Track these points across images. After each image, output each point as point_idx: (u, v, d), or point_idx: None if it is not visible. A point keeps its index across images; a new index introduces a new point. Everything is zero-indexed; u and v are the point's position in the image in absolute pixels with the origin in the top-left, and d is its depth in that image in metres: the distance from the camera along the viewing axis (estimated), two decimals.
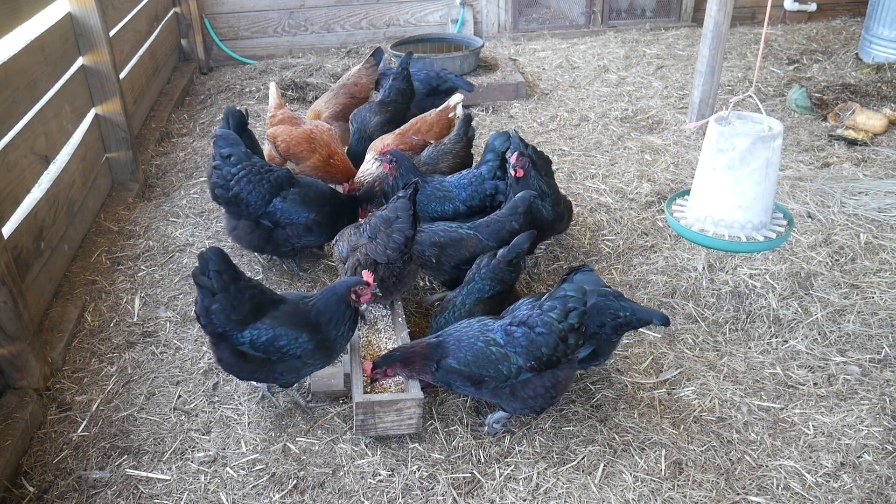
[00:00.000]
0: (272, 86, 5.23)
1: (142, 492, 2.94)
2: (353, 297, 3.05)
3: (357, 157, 5.05)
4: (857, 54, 7.50)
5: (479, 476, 2.98)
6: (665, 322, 3.19)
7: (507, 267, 3.46)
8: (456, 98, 5.09)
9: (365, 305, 3.17)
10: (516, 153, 3.92)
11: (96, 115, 5.00)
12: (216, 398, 3.41)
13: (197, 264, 2.93)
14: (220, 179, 3.95)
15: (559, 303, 2.85)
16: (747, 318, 3.86)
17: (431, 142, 4.85)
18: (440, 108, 5.12)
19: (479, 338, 2.92)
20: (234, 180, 3.91)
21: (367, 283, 3.03)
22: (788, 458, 3.04)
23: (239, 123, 4.35)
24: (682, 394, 3.39)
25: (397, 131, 4.96)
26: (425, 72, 5.93)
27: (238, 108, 4.46)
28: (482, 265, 3.49)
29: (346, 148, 5.20)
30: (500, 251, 3.50)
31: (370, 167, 4.73)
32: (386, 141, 4.87)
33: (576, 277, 2.90)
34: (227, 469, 3.03)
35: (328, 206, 4.13)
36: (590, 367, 3.46)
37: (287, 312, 3.04)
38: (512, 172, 3.92)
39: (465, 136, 4.59)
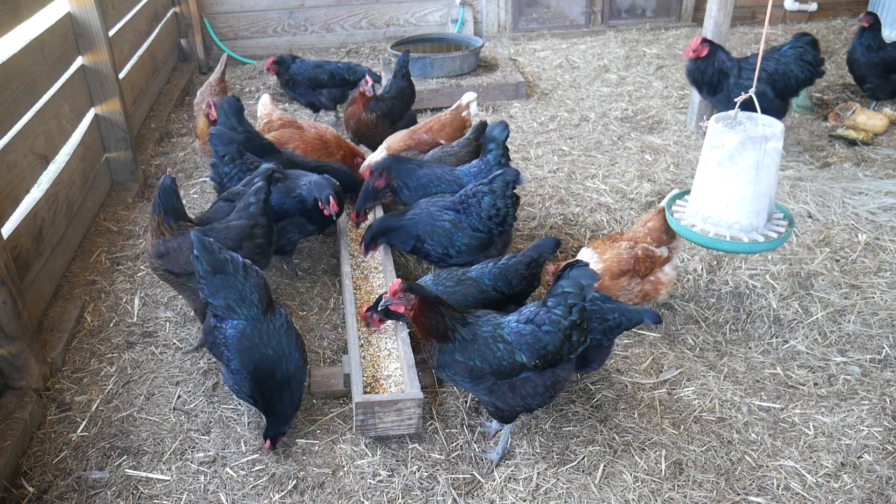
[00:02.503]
0: (265, 97, 5.26)
1: (141, 492, 2.93)
2: None
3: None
4: None
5: (479, 476, 2.97)
6: (657, 320, 3.15)
7: (524, 270, 3.44)
8: (468, 96, 5.07)
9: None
10: None
11: (96, 115, 4.99)
12: (216, 398, 3.41)
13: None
14: (217, 177, 4.12)
15: (560, 299, 2.84)
16: (747, 318, 3.85)
17: (442, 141, 4.85)
18: (453, 107, 5.11)
19: (489, 333, 2.90)
20: (227, 179, 4.06)
21: None
22: (789, 458, 3.04)
23: (235, 110, 4.35)
24: (682, 394, 3.39)
25: (411, 128, 4.98)
26: (335, 64, 6.22)
27: (231, 95, 4.46)
28: (499, 262, 3.49)
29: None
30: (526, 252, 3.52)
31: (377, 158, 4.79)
32: (398, 137, 4.89)
33: (571, 273, 2.88)
34: (227, 469, 3.03)
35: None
36: (583, 374, 3.44)
37: None
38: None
39: (474, 142, 4.58)
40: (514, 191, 3.85)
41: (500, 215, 3.83)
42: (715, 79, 5.13)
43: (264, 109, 5.17)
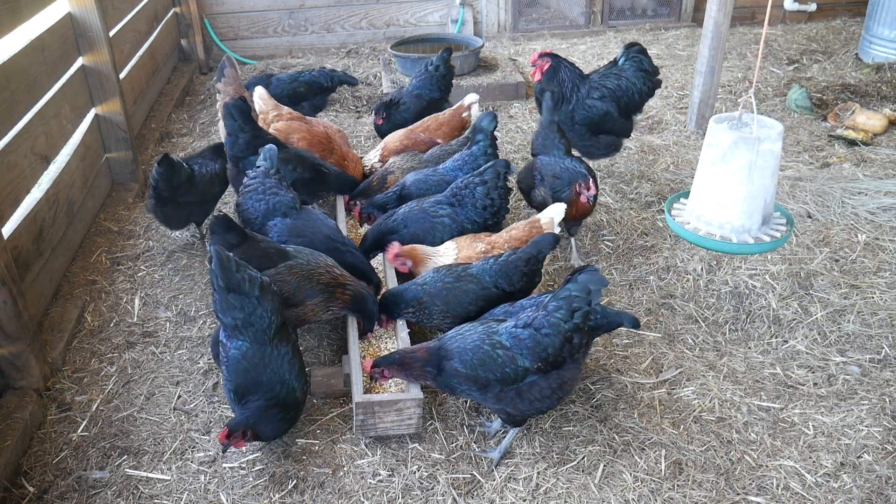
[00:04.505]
0: (261, 89, 5.10)
1: (142, 492, 2.94)
2: None
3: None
4: (856, 54, 7.50)
5: (479, 476, 2.98)
6: (635, 325, 3.14)
7: (524, 267, 3.42)
8: (470, 98, 5.08)
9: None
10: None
11: (96, 115, 5.00)
12: (216, 398, 3.41)
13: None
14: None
15: (564, 303, 2.84)
16: (747, 318, 3.86)
17: (439, 140, 4.86)
18: (454, 106, 5.12)
19: (485, 341, 2.90)
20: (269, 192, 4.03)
21: None
22: (788, 458, 3.04)
23: (241, 111, 4.36)
24: (682, 394, 3.39)
25: (409, 127, 4.99)
26: (310, 74, 5.92)
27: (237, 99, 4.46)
28: (499, 258, 3.48)
29: None
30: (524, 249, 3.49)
31: (372, 157, 4.89)
32: (395, 137, 4.91)
33: (580, 277, 2.88)
34: (227, 469, 3.03)
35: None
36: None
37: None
38: None
39: None
40: (506, 181, 3.93)
41: (495, 206, 3.88)
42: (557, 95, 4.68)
43: (264, 104, 5.03)
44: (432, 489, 2.92)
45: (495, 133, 4.32)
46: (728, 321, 3.86)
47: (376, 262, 4.16)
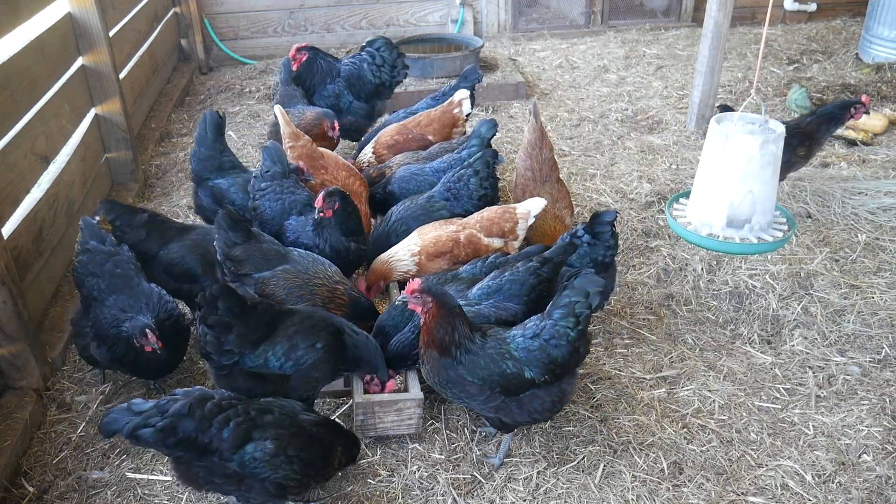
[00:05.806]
0: (277, 108, 4.44)
1: (141, 492, 2.94)
2: None
3: None
4: (857, 54, 7.50)
5: (479, 476, 2.98)
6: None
7: (539, 269, 3.19)
8: (460, 94, 5.07)
9: None
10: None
11: (96, 115, 4.99)
12: None
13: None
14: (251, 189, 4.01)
15: (567, 310, 2.79)
16: (747, 318, 3.86)
17: (430, 136, 4.87)
18: (445, 103, 5.12)
19: (496, 349, 2.82)
20: (259, 194, 3.96)
21: None
22: (788, 458, 3.04)
23: (216, 126, 4.33)
24: (682, 394, 3.39)
25: (402, 122, 5.01)
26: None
27: (216, 111, 4.42)
28: (520, 267, 3.23)
29: None
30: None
31: (367, 153, 4.94)
32: (388, 132, 4.93)
33: (576, 282, 2.83)
34: None
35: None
36: None
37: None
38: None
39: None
40: (495, 170, 4.00)
41: (489, 196, 3.96)
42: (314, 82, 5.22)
43: (283, 128, 4.39)
44: (432, 489, 2.92)
45: (491, 142, 4.32)
46: (728, 321, 3.86)
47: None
